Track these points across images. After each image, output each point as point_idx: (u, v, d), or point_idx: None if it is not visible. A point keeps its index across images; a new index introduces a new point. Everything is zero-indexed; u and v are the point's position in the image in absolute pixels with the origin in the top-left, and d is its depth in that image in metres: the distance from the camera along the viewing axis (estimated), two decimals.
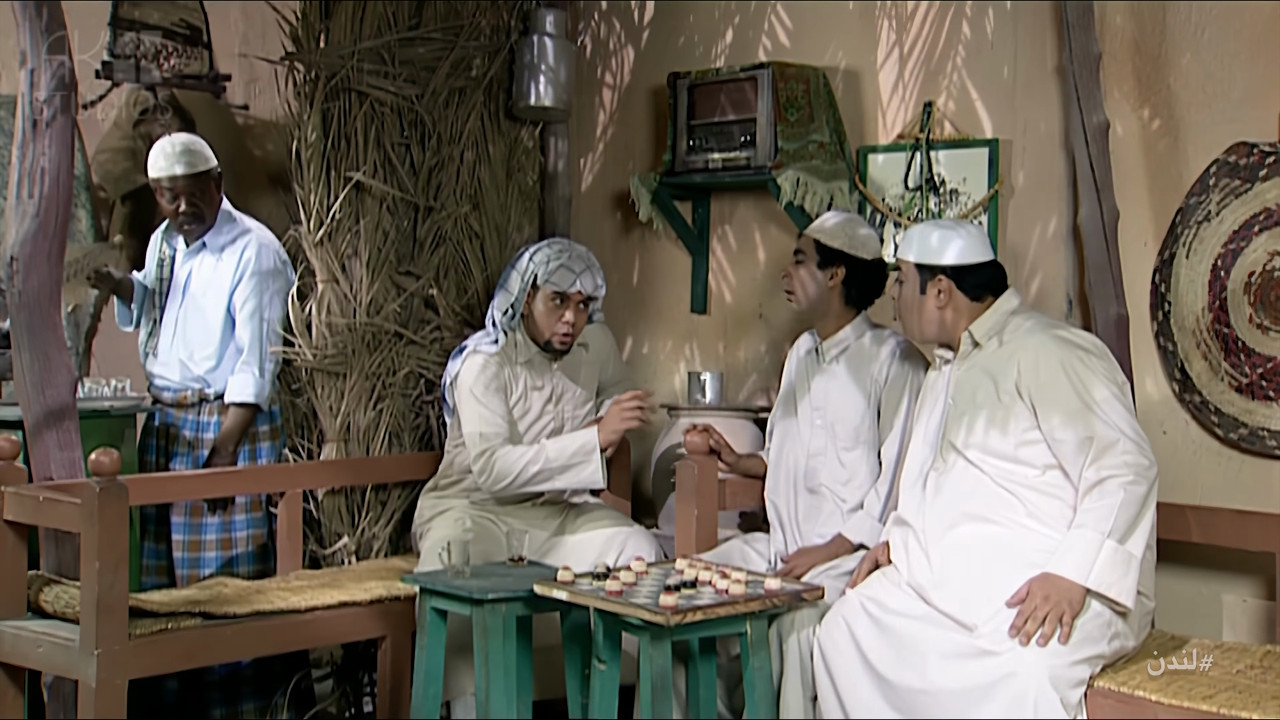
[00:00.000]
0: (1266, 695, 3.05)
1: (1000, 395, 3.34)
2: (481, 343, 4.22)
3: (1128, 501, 3.16)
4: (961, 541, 3.33)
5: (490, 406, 4.13)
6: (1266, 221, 3.68)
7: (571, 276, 4.15)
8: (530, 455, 4.07)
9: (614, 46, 5.21)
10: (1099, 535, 3.15)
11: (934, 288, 3.48)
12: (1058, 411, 3.26)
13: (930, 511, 3.41)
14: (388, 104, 4.64)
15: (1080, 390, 3.25)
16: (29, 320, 3.73)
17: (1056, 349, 3.31)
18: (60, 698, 3.80)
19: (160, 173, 4.39)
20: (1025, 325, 3.41)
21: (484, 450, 4.10)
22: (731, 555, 3.88)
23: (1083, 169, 3.87)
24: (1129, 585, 3.16)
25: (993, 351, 3.41)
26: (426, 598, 3.74)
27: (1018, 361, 3.33)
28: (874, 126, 4.52)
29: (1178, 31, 3.86)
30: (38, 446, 3.77)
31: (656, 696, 3.26)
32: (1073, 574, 3.15)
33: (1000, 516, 3.32)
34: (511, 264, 4.25)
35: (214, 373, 4.46)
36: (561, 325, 4.17)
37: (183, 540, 4.42)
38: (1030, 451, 3.30)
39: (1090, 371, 3.28)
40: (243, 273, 4.45)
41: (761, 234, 4.80)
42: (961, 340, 3.47)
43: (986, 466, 3.34)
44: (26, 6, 3.69)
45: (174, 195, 4.40)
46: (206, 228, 4.48)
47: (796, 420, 3.98)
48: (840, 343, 3.94)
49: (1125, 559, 3.15)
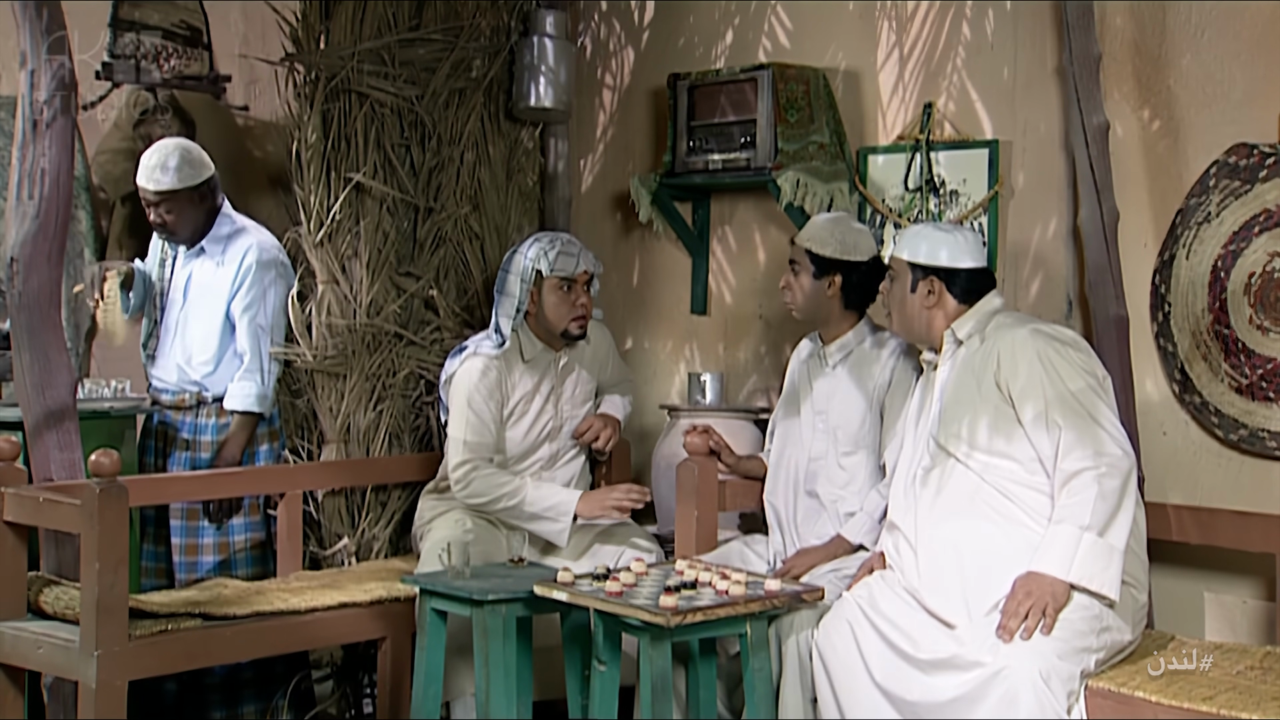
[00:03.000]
0: (1266, 696, 3.06)
1: (982, 391, 3.37)
2: (483, 345, 4.22)
3: (1103, 494, 3.18)
4: (950, 539, 3.34)
5: (482, 416, 4.15)
6: (1266, 222, 3.68)
7: (573, 260, 4.19)
8: (509, 489, 4.11)
9: (614, 47, 5.21)
10: (1077, 529, 3.17)
11: (924, 287, 3.52)
12: (1032, 402, 3.28)
13: (919, 510, 3.42)
14: (388, 105, 4.64)
15: (1054, 380, 3.28)
16: (29, 321, 3.73)
17: (1032, 341, 3.34)
18: (60, 699, 3.80)
19: (139, 183, 4.38)
20: (1005, 323, 3.44)
21: (467, 461, 4.12)
22: (731, 556, 3.88)
23: (1083, 170, 3.87)
24: (1111, 577, 3.18)
25: (975, 349, 3.45)
26: (426, 599, 3.74)
27: (997, 355, 3.37)
28: (874, 127, 4.52)
29: (1178, 32, 3.86)
30: (38, 447, 3.77)
31: (656, 697, 3.26)
32: (1054, 570, 3.17)
33: (988, 513, 3.33)
34: (504, 268, 4.25)
35: (211, 377, 4.45)
36: (576, 309, 4.21)
37: (180, 544, 4.42)
38: (1016, 448, 3.31)
39: (1066, 362, 3.30)
40: (242, 278, 4.43)
41: (761, 235, 4.80)
42: (944, 339, 3.51)
43: (973, 463, 3.35)
44: (26, 7, 3.69)
45: (149, 207, 4.39)
46: (184, 240, 4.46)
47: (798, 423, 3.98)
48: (843, 347, 3.94)
49: (1106, 551, 3.17)
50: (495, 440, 4.18)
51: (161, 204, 4.36)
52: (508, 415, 4.23)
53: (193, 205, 4.40)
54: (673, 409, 4.67)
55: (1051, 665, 3.09)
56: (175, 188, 4.34)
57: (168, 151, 4.37)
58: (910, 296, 3.54)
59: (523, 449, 4.27)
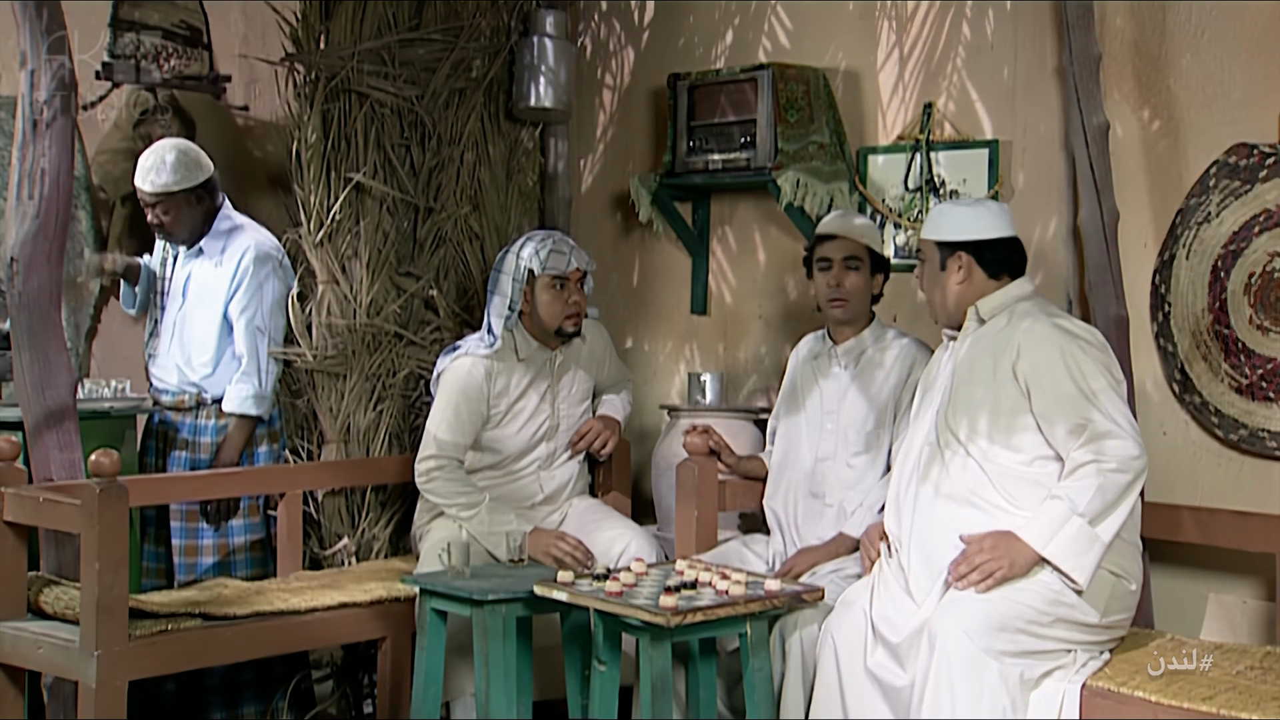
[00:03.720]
0: (1266, 696, 3.05)
1: (997, 376, 3.34)
2: (475, 345, 4.23)
3: (1107, 486, 3.18)
4: (941, 519, 3.33)
5: (460, 415, 4.17)
6: (1266, 222, 3.68)
7: (565, 257, 4.20)
8: (465, 499, 4.12)
9: (614, 47, 5.21)
10: (1069, 510, 3.17)
11: (954, 264, 3.47)
12: (1052, 396, 3.27)
13: (919, 492, 3.41)
14: (388, 105, 4.64)
15: (1077, 378, 3.26)
16: (29, 321, 3.73)
17: (1056, 336, 3.31)
18: (60, 699, 3.80)
19: (136, 184, 4.38)
20: (1031, 310, 3.40)
21: (435, 458, 4.15)
22: (730, 556, 3.88)
23: (1083, 170, 3.87)
24: (1086, 564, 3.17)
25: (997, 330, 3.40)
26: (426, 599, 3.74)
27: (1017, 344, 3.33)
28: (874, 127, 4.53)
29: (1178, 32, 3.86)
30: (38, 447, 3.77)
31: (656, 697, 3.26)
32: (1033, 540, 3.18)
33: (982, 501, 3.32)
34: (496, 269, 4.27)
35: (210, 378, 4.44)
36: (570, 306, 4.22)
37: (180, 544, 4.42)
38: (1022, 439, 3.30)
39: (1090, 360, 3.29)
40: (240, 280, 4.42)
41: (761, 235, 4.80)
42: (967, 315, 3.47)
43: (973, 449, 3.34)
44: (26, 7, 3.70)
45: (147, 208, 4.39)
46: (182, 241, 4.45)
47: (803, 424, 3.98)
48: (858, 345, 3.94)
49: (1090, 539, 3.17)
50: (469, 442, 4.21)
51: (159, 205, 4.36)
52: (503, 414, 4.23)
53: (190, 206, 4.39)
54: (673, 409, 4.67)
55: (982, 628, 3.08)
56: (172, 189, 4.34)
57: (164, 152, 4.37)
58: (941, 275, 3.49)
59: (520, 448, 4.27)
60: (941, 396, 3.46)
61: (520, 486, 4.30)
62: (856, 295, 3.91)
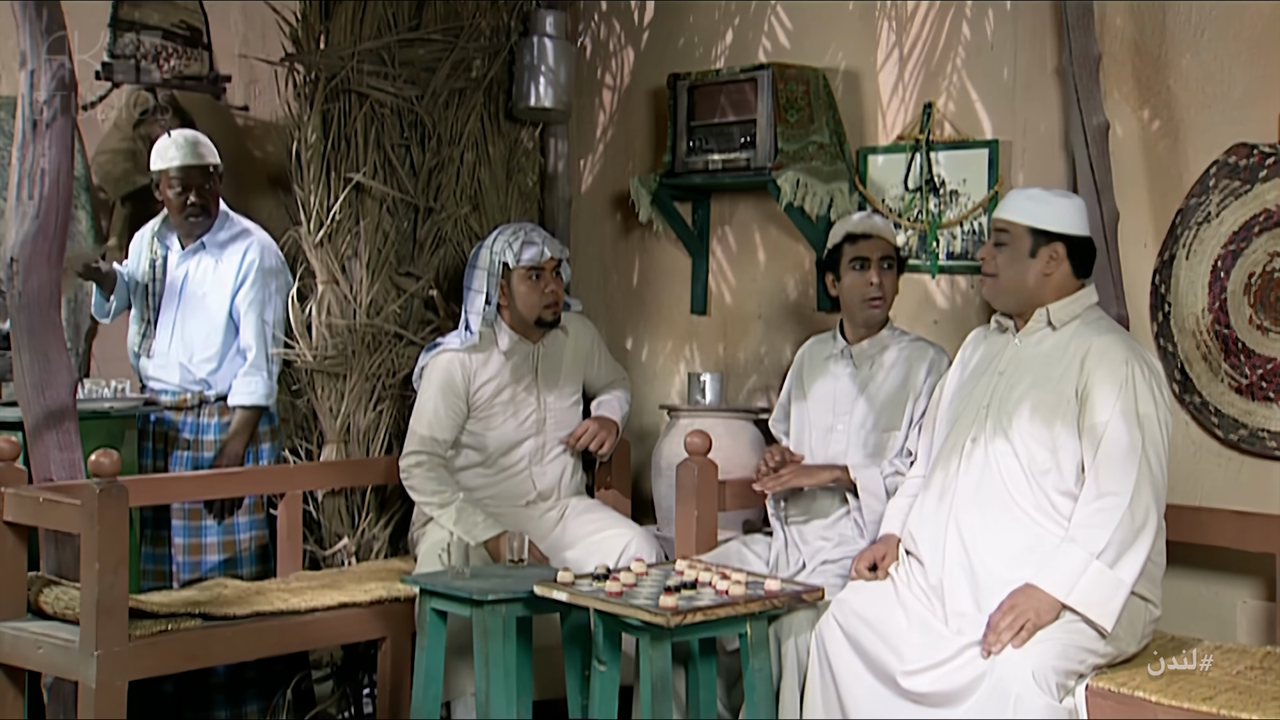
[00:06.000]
0: (1266, 696, 3.05)
1: (1059, 383, 3.30)
2: (453, 341, 4.26)
3: (1124, 524, 3.14)
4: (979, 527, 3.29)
5: (439, 411, 4.22)
6: (1266, 223, 3.68)
7: (537, 248, 4.25)
8: (439, 498, 4.16)
9: (614, 47, 5.21)
10: (1088, 555, 3.13)
11: (1046, 253, 3.39)
12: (1100, 410, 3.22)
13: (958, 489, 3.36)
14: (388, 105, 4.64)
15: (1129, 395, 3.21)
16: (29, 321, 3.73)
17: (1126, 352, 3.27)
18: (60, 699, 3.80)
19: (169, 163, 4.39)
20: (1100, 326, 3.37)
21: (418, 453, 4.21)
22: (729, 556, 3.88)
23: (1082, 170, 3.86)
24: (1112, 610, 3.14)
25: (1066, 340, 3.36)
26: (426, 599, 3.74)
27: (1082, 360, 3.29)
28: (874, 127, 4.52)
29: (1178, 32, 3.86)
30: (38, 447, 3.77)
31: (656, 697, 3.26)
32: (1054, 590, 3.14)
33: (1024, 506, 3.28)
34: (470, 264, 4.31)
35: (215, 374, 4.46)
36: (547, 296, 4.27)
37: (183, 543, 4.42)
38: (1065, 455, 3.26)
39: (1147, 386, 3.24)
40: (246, 274, 4.45)
41: (761, 235, 4.80)
42: (1034, 315, 3.42)
43: (1020, 450, 3.30)
44: (26, 7, 3.70)
45: (184, 187, 4.40)
46: (210, 223, 4.48)
47: (809, 424, 3.97)
48: (874, 346, 3.93)
49: (1112, 584, 3.13)
50: (451, 438, 4.25)
51: (194, 183, 4.40)
52: (487, 408, 4.25)
53: (215, 184, 4.47)
54: (672, 409, 4.66)
55: (1048, 665, 3.07)
56: (210, 162, 4.44)
57: (192, 133, 4.49)
58: (1030, 262, 3.39)
59: (507, 443, 4.29)
60: (991, 391, 3.40)
61: (513, 484, 4.31)
62: (891, 294, 3.92)
